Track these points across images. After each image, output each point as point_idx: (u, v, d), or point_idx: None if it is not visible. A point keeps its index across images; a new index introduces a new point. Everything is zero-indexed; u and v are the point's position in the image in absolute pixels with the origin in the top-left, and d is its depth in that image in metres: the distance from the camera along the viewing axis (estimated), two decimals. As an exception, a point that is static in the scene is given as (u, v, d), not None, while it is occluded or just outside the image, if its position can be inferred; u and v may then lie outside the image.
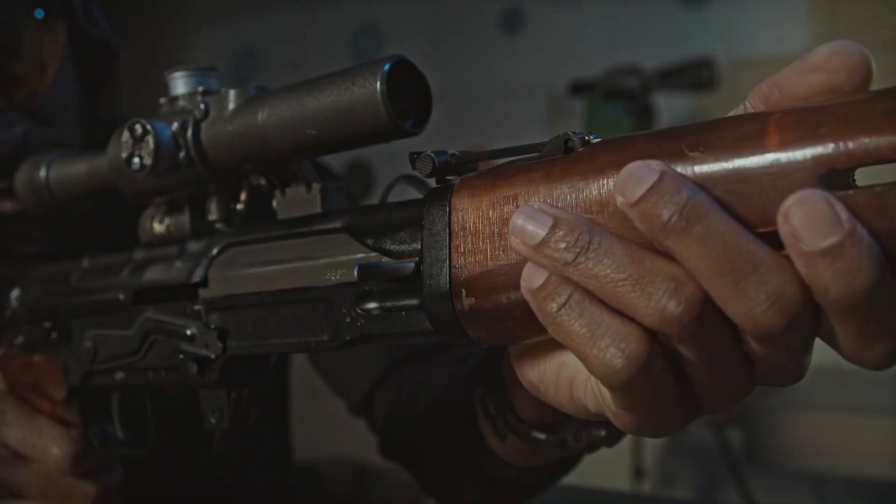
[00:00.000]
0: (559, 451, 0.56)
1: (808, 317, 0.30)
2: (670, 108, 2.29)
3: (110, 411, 0.64)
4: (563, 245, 0.33)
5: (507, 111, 2.78)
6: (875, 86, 0.33)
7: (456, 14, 2.84)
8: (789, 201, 0.28)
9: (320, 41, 3.14)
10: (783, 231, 0.29)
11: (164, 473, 0.80)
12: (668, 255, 0.32)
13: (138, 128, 0.52)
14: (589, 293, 0.33)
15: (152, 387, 0.60)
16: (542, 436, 0.53)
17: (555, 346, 0.40)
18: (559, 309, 0.34)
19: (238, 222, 0.56)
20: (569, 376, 0.40)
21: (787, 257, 0.30)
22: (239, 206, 0.56)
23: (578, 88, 2.21)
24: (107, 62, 0.83)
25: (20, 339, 0.67)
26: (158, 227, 0.59)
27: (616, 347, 0.32)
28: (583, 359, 0.34)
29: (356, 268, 0.41)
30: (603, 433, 0.52)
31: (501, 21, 2.76)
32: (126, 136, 0.53)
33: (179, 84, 0.55)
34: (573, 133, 0.37)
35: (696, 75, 2.05)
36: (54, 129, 0.73)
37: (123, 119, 0.89)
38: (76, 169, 0.61)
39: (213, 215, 0.56)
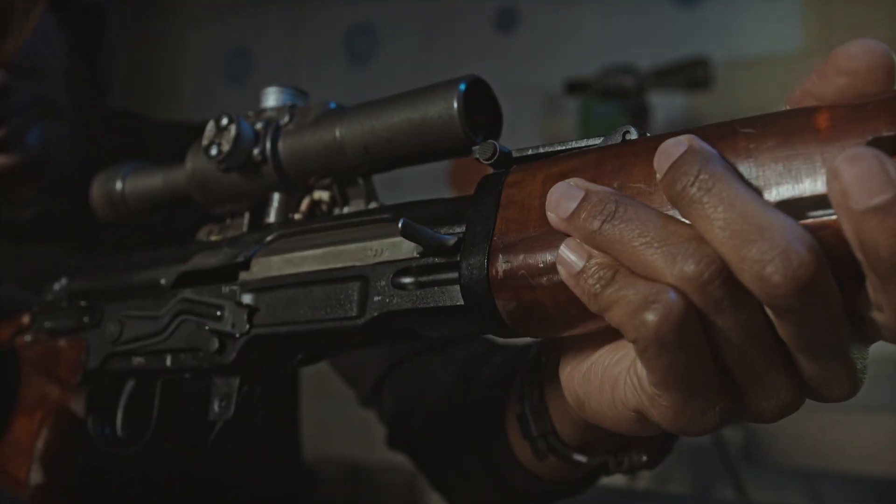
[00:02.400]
0: (598, 471, 0.56)
1: (826, 289, 0.30)
2: (666, 107, 2.29)
3: (116, 406, 0.64)
4: (591, 213, 0.35)
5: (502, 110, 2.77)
6: None
7: (450, 13, 2.84)
8: (839, 158, 0.29)
9: (314, 41, 3.13)
10: (832, 189, 0.29)
11: (167, 472, 0.79)
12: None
13: (224, 119, 0.55)
14: (621, 265, 0.35)
15: (166, 374, 0.59)
16: (582, 458, 0.54)
17: (600, 351, 0.41)
18: (603, 289, 0.34)
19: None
20: (612, 377, 0.40)
21: (810, 227, 0.30)
22: (297, 216, 0.57)
23: (574, 87, 2.21)
24: (96, 27, 0.83)
25: (49, 324, 0.67)
26: (215, 239, 0.61)
27: (647, 301, 0.33)
28: (619, 326, 0.34)
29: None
30: (644, 458, 0.52)
31: (496, 20, 2.76)
32: (211, 126, 0.55)
33: (271, 98, 0.58)
34: (633, 128, 0.39)
35: (692, 74, 2.05)
36: (37, 82, 0.73)
37: (130, 111, 0.88)
38: (152, 180, 0.63)
39: (270, 219, 0.57)
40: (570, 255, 0.36)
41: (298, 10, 3.16)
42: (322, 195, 0.56)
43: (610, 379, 0.40)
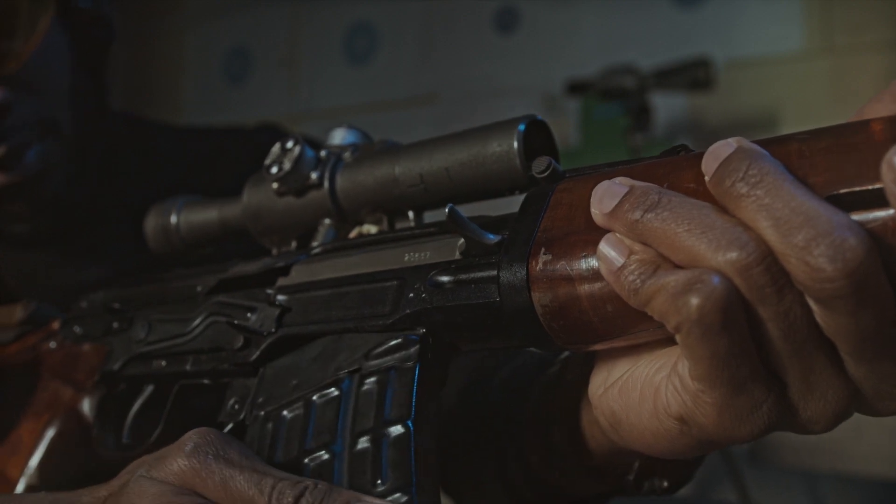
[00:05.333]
0: (615, 491, 0.56)
1: (874, 278, 0.30)
2: (667, 107, 2.29)
3: (127, 412, 0.64)
4: (634, 206, 0.35)
5: (502, 111, 2.76)
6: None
7: (450, 13, 2.83)
8: (893, 151, 0.29)
9: (313, 40, 3.12)
10: (887, 179, 0.29)
11: None
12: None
13: (290, 142, 0.56)
14: (663, 259, 0.35)
15: (185, 378, 0.59)
16: (600, 481, 0.53)
17: (637, 363, 0.41)
18: (644, 282, 0.34)
19: None
20: (653, 386, 0.39)
21: (859, 222, 0.31)
22: None
23: (575, 88, 2.21)
24: (103, 38, 0.82)
25: (78, 330, 0.68)
26: None
27: (690, 284, 0.33)
28: (662, 314, 0.34)
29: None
30: (665, 483, 0.52)
31: (496, 20, 2.76)
32: (277, 147, 0.57)
33: (337, 137, 0.59)
34: (688, 145, 0.40)
35: (693, 75, 2.05)
36: (39, 99, 0.72)
37: (133, 114, 0.87)
38: (207, 213, 0.65)
39: (316, 243, 0.57)
40: (610, 251, 0.36)
41: (298, 10, 3.15)
42: (370, 228, 0.56)
43: (651, 388, 0.39)
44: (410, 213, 0.54)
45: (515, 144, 0.48)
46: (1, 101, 0.67)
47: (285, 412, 0.48)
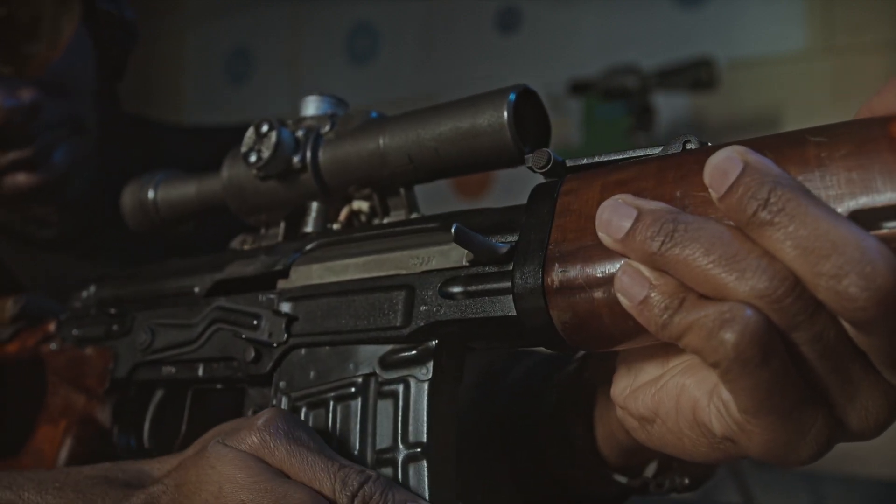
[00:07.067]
0: (632, 490, 0.55)
1: None
2: (670, 107, 2.29)
3: (143, 416, 0.63)
4: (647, 234, 0.33)
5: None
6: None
7: (451, 13, 2.83)
8: None
9: (314, 40, 3.12)
10: None
11: None
12: None
13: (265, 126, 0.54)
14: (688, 290, 0.33)
15: (197, 384, 0.58)
16: (623, 480, 0.53)
17: (670, 372, 0.40)
18: (671, 317, 0.33)
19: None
20: (691, 399, 0.38)
21: (885, 237, 0.30)
22: (335, 226, 0.56)
23: (578, 88, 2.20)
24: (126, 42, 0.82)
25: (76, 332, 0.66)
26: (250, 248, 0.59)
27: (723, 321, 0.32)
28: (697, 350, 0.33)
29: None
30: (686, 481, 0.51)
31: (497, 20, 2.75)
32: (251, 132, 0.54)
33: (310, 106, 0.57)
34: (694, 138, 0.38)
35: (696, 75, 2.05)
36: (66, 100, 0.73)
37: (143, 116, 0.86)
38: (185, 189, 0.62)
39: (308, 229, 0.56)
40: (629, 283, 0.34)
41: (299, 10, 3.15)
42: (361, 205, 0.54)
43: (689, 401, 0.38)
44: (402, 190, 0.53)
45: (506, 116, 0.46)
46: (31, 103, 0.68)
47: (306, 409, 0.48)
